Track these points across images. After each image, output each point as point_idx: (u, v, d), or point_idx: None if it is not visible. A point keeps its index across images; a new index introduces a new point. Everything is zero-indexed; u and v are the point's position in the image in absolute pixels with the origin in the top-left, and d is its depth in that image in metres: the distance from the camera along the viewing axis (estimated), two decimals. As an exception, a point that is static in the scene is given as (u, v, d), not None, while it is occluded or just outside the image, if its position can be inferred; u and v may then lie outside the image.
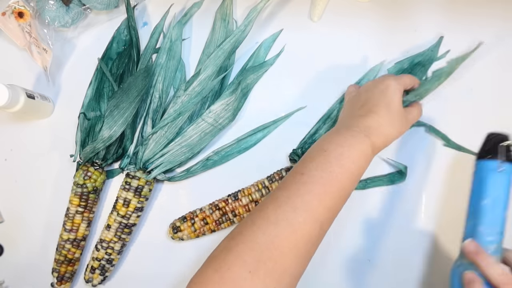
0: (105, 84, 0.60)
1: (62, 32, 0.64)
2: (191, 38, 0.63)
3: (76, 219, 0.56)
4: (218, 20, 0.61)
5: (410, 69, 0.57)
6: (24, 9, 0.60)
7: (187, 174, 0.58)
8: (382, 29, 0.59)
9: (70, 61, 0.64)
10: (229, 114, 0.57)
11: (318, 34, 0.61)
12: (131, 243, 0.59)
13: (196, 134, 0.57)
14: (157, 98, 0.59)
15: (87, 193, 0.56)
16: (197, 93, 0.57)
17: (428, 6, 0.59)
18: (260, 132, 0.59)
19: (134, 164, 0.57)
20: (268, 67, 0.60)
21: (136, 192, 0.56)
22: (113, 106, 0.55)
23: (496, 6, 0.58)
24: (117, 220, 0.56)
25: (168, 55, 0.60)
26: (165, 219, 0.59)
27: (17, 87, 0.55)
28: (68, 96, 0.63)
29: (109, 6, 0.61)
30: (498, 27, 0.58)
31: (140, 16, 0.64)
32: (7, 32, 0.62)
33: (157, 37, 0.62)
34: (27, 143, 0.63)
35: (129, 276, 0.59)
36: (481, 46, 0.55)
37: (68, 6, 0.61)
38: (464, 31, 0.58)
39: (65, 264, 0.57)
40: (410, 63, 0.57)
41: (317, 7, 0.59)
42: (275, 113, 0.59)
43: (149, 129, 0.57)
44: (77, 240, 0.57)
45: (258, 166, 0.58)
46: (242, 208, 0.55)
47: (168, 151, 0.57)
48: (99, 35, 0.63)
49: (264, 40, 0.61)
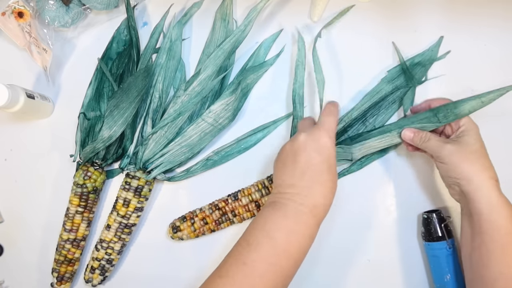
0: (105, 84, 0.60)
1: (62, 32, 0.64)
2: (191, 38, 0.63)
3: (76, 219, 0.56)
4: (218, 20, 0.61)
5: (410, 69, 0.57)
6: (24, 9, 0.60)
7: (187, 174, 0.58)
8: (382, 29, 0.59)
9: (70, 61, 0.64)
10: (229, 114, 0.57)
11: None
12: (131, 243, 0.59)
13: (196, 134, 0.57)
14: (157, 98, 0.59)
15: (87, 193, 0.56)
16: (197, 93, 0.57)
17: (428, 6, 0.59)
18: (260, 132, 0.59)
19: (134, 164, 0.57)
20: (268, 67, 0.60)
21: (136, 192, 0.56)
22: (113, 106, 0.55)
23: (496, 6, 0.58)
24: (117, 220, 0.56)
25: (168, 55, 0.60)
26: (165, 219, 0.59)
27: (17, 87, 0.55)
28: (68, 96, 0.63)
29: (109, 6, 0.61)
30: (498, 27, 0.58)
31: (140, 16, 0.64)
32: (7, 32, 0.61)
33: (157, 37, 0.62)
34: (27, 143, 0.63)
35: (129, 276, 0.59)
36: (482, 47, 0.56)
37: (68, 6, 0.61)
38: (464, 31, 0.58)
39: (65, 264, 0.57)
40: (410, 64, 0.57)
41: (317, 7, 0.59)
42: (275, 113, 0.59)
43: (149, 129, 0.57)
44: (77, 240, 0.57)
45: (258, 166, 0.58)
46: (242, 208, 0.55)
47: (168, 151, 0.57)
48: (99, 35, 0.63)
49: (264, 40, 0.61)
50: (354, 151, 0.53)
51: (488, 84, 0.57)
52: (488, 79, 0.57)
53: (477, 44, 0.58)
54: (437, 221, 0.52)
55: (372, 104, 0.56)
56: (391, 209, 0.56)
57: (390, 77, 0.57)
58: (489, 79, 0.57)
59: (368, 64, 0.59)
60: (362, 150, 0.53)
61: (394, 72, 0.58)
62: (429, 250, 0.53)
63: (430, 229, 0.52)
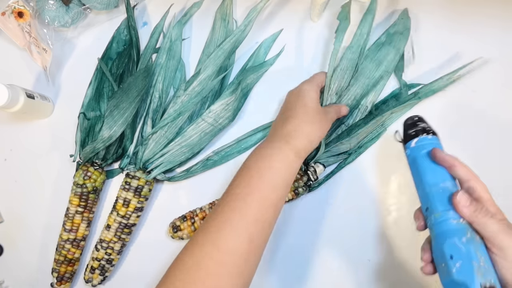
0: (105, 84, 0.60)
1: (62, 32, 0.64)
2: (191, 38, 0.63)
3: (76, 219, 0.56)
4: (218, 20, 0.61)
5: (389, 40, 0.57)
6: (24, 9, 0.60)
7: (187, 174, 0.58)
8: (383, 29, 0.59)
9: (70, 61, 0.64)
10: (229, 114, 0.57)
11: (318, 34, 0.61)
12: (131, 243, 0.59)
13: (196, 134, 0.57)
14: (157, 98, 0.59)
15: (87, 193, 0.56)
16: (197, 93, 0.57)
17: (428, 6, 0.59)
18: (260, 132, 0.59)
19: (134, 164, 0.57)
20: (268, 67, 0.60)
21: (136, 192, 0.56)
22: (113, 106, 0.55)
23: (496, 6, 0.58)
24: (117, 220, 0.56)
25: (168, 55, 0.60)
26: (165, 219, 0.59)
27: (17, 87, 0.55)
28: (68, 96, 0.63)
29: (109, 6, 0.61)
30: (498, 27, 0.58)
31: (140, 16, 0.64)
32: (7, 32, 0.61)
33: (157, 37, 0.62)
34: (27, 143, 0.63)
35: (129, 276, 0.59)
36: (482, 47, 0.56)
37: (68, 6, 0.61)
38: (464, 31, 0.58)
39: (65, 264, 0.57)
40: (386, 35, 0.58)
41: (317, 7, 0.59)
42: (275, 113, 0.59)
43: (149, 129, 0.57)
44: (77, 240, 0.57)
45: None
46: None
47: (168, 151, 0.57)
48: (99, 35, 0.63)
49: (264, 40, 0.61)
50: (352, 141, 0.54)
51: (488, 84, 0.57)
52: (488, 79, 0.57)
53: (477, 44, 0.58)
54: (415, 121, 0.43)
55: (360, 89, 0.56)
56: (391, 209, 0.56)
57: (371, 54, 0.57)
58: (489, 79, 0.57)
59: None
60: (359, 139, 0.55)
61: (374, 49, 0.57)
62: (412, 153, 0.42)
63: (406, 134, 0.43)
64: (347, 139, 0.54)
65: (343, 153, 0.56)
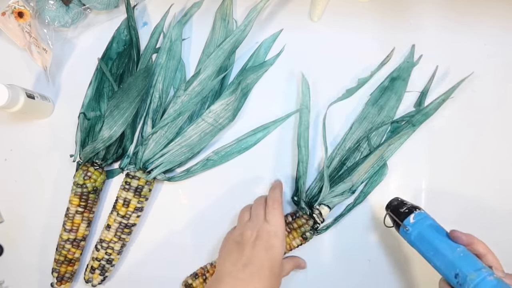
0: (105, 84, 0.60)
1: (62, 32, 0.64)
2: (191, 38, 0.63)
3: (76, 219, 0.56)
4: (218, 20, 0.61)
5: (391, 86, 0.57)
6: (24, 9, 0.60)
7: (187, 174, 0.58)
8: (382, 29, 0.59)
9: (70, 61, 0.64)
10: (229, 114, 0.57)
11: (318, 34, 0.61)
12: (131, 243, 0.59)
13: (196, 134, 0.57)
14: (157, 98, 0.59)
15: (87, 193, 0.56)
16: (197, 93, 0.57)
17: (428, 6, 0.59)
18: (260, 132, 0.59)
19: (134, 164, 0.57)
20: (268, 67, 0.60)
21: (136, 192, 0.56)
22: (113, 106, 0.55)
23: (497, 6, 0.58)
24: (117, 220, 0.56)
25: (168, 55, 0.60)
26: (165, 219, 0.59)
27: (17, 87, 0.55)
28: (68, 96, 0.63)
29: (109, 6, 0.61)
30: (498, 27, 0.58)
31: (140, 16, 0.64)
32: (7, 32, 0.61)
33: (157, 37, 0.62)
34: (27, 143, 0.63)
35: (129, 276, 0.59)
36: (483, 47, 0.55)
37: (68, 6, 0.61)
38: (464, 31, 0.58)
39: (65, 264, 0.57)
40: (390, 81, 0.58)
41: (317, 7, 0.59)
42: (275, 113, 0.59)
43: (149, 129, 0.57)
44: (77, 240, 0.57)
45: (258, 166, 0.58)
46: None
47: (168, 151, 0.57)
48: (99, 35, 0.63)
49: (264, 40, 0.61)
50: (353, 178, 0.54)
51: (488, 84, 0.57)
52: (488, 79, 0.57)
53: (477, 44, 0.58)
54: (400, 202, 0.47)
55: (362, 132, 0.57)
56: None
57: (373, 100, 0.58)
58: (489, 79, 0.57)
59: (368, 64, 0.59)
60: (360, 175, 0.55)
61: (376, 94, 0.58)
62: (415, 229, 0.45)
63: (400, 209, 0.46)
64: (348, 177, 0.53)
65: (346, 191, 0.55)
